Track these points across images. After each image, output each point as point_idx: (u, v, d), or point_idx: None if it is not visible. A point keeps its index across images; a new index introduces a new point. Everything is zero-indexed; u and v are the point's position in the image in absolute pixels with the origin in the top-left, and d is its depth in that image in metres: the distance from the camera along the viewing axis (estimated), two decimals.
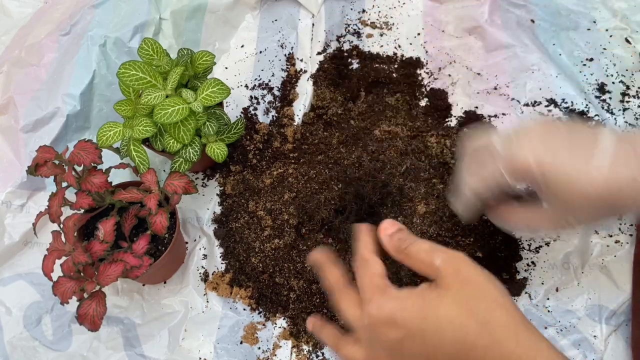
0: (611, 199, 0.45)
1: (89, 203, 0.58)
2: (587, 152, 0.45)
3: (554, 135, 0.47)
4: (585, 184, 0.45)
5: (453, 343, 0.38)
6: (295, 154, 0.73)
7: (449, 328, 0.38)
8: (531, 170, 0.46)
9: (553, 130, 0.48)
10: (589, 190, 0.45)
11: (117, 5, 0.81)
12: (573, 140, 0.46)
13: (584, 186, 0.45)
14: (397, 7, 0.86)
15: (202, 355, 0.63)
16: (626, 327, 0.60)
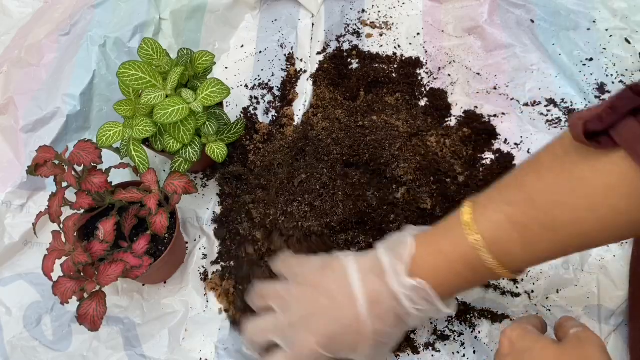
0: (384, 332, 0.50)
1: (89, 203, 0.58)
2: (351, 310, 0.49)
3: (318, 309, 0.51)
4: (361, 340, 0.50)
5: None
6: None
7: (535, 355, 0.46)
8: (319, 354, 0.50)
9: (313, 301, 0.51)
10: (367, 341, 0.50)
11: (116, 5, 0.81)
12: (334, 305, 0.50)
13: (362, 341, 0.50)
14: (396, 7, 0.86)
15: (202, 356, 0.63)
16: (625, 326, 0.60)
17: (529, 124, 0.74)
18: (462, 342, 0.62)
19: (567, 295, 0.63)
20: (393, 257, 0.50)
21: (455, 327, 0.63)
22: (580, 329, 0.47)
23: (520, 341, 0.48)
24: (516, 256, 0.45)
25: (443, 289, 0.48)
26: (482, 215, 0.46)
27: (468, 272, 0.47)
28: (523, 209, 0.44)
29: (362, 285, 0.50)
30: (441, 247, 0.48)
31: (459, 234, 0.46)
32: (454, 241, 0.47)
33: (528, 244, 0.44)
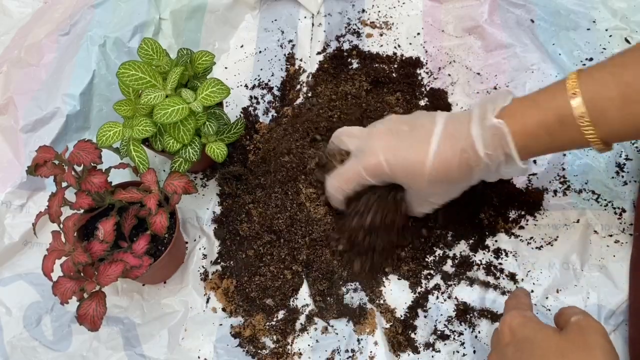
0: (444, 173, 0.53)
1: (88, 203, 0.58)
2: (424, 140, 0.53)
3: (397, 133, 0.56)
4: (419, 168, 0.53)
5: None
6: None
7: (536, 346, 0.46)
8: (383, 169, 0.55)
9: (396, 127, 0.57)
10: (424, 172, 0.53)
11: (116, 5, 0.80)
12: (413, 133, 0.55)
13: (419, 170, 0.53)
14: (396, 6, 0.86)
15: (201, 355, 0.64)
16: (625, 326, 0.60)
17: None
18: (462, 342, 0.62)
19: (567, 295, 0.63)
20: (485, 104, 0.52)
21: (455, 327, 0.63)
22: (581, 316, 0.47)
23: (522, 330, 0.47)
24: (612, 118, 0.45)
25: (525, 140, 0.49)
26: (588, 75, 0.46)
27: (556, 127, 0.47)
28: (630, 68, 0.44)
29: (444, 125, 0.54)
30: (537, 100, 0.49)
31: (559, 90, 0.47)
32: (552, 96, 0.48)
33: (628, 104, 0.44)
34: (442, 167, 0.52)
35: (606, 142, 0.47)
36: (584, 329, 0.45)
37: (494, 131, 0.50)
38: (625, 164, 0.69)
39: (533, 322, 0.48)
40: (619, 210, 0.67)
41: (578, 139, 0.47)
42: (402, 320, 0.64)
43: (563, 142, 0.49)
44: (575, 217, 0.67)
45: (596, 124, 0.45)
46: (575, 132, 0.46)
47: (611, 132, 0.46)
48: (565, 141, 0.49)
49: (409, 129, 0.56)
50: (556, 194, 0.69)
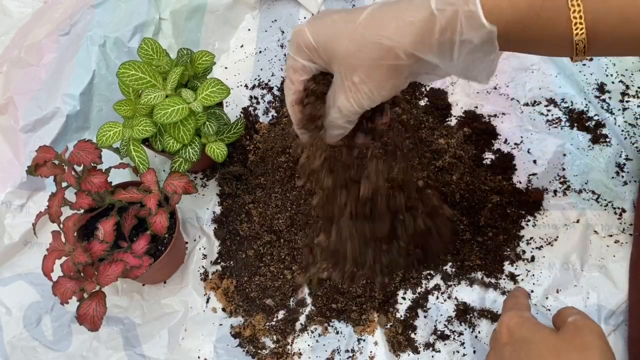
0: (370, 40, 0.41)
1: (88, 203, 0.58)
2: (354, 16, 0.42)
3: (332, 16, 0.44)
4: (348, 36, 0.41)
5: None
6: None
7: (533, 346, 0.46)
8: (313, 46, 0.44)
9: (333, 13, 0.44)
10: (349, 43, 0.41)
11: (116, 5, 0.80)
12: (347, 12, 0.43)
13: (348, 37, 0.41)
14: None
15: (201, 355, 0.64)
16: (625, 326, 0.60)
17: (529, 124, 0.74)
18: (462, 342, 0.62)
19: (567, 295, 0.63)
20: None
21: (455, 327, 0.63)
22: (578, 316, 0.47)
23: (519, 330, 0.48)
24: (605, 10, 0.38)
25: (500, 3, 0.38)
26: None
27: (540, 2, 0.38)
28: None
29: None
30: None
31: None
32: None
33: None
34: (372, 30, 0.41)
35: (590, 34, 0.39)
36: (581, 329, 0.45)
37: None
38: (625, 164, 0.69)
39: (530, 322, 0.48)
40: (619, 211, 0.67)
41: (561, 15, 0.39)
42: (402, 320, 0.64)
43: (542, 18, 0.40)
44: (575, 217, 0.67)
45: (586, 3, 0.38)
46: (561, 13, 0.39)
47: (599, 16, 0.39)
48: (544, 16, 0.39)
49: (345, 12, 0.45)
50: (556, 194, 0.69)
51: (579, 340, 0.44)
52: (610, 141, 0.71)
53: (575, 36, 0.39)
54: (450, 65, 0.41)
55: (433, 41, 0.39)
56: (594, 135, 0.72)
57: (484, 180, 0.69)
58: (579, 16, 0.38)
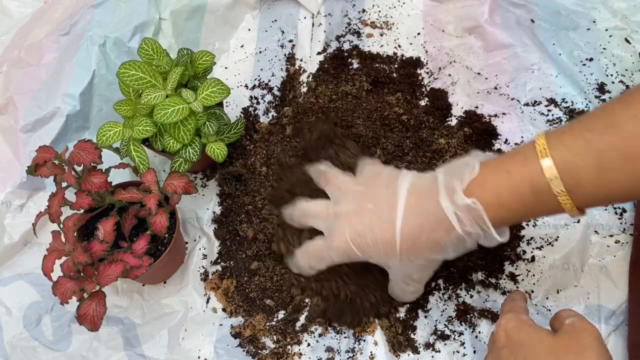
0: (415, 252, 0.51)
1: (88, 203, 0.58)
2: (389, 219, 0.51)
3: (361, 212, 0.53)
4: (390, 249, 0.51)
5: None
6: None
7: (531, 349, 0.46)
8: (353, 252, 0.54)
9: (360, 207, 0.54)
10: (395, 252, 0.51)
11: (116, 5, 0.80)
12: (377, 211, 0.52)
13: (391, 251, 0.51)
14: (397, 6, 0.86)
15: (202, 355, 0.63)
16: (625, 326, 0.60)
17: (530, 124, 0.74)
18: (462, 342, 0.62)
19: (567, 295, 0.63)
20: (452, 177, 0.49)
21: (455, 327, 0.63)
22: (575, 318, 0.47)
23: (516, 333, 0.48)
24: (587, 187, 0.43)
25: (499, 212, 0.47)
26: (558, 139, 0.44)
27: (531, 198, 0.45)
28: (604, 135, 0.42)
29: (407, 200, 0.51)
30: (507, 167, 0.46)
31: (530, 157, 0.45)
32: (523, 163, 0.45)
33: (603, 173, 0.42)
34: (412, 246, 0.51)
35: (581, 208, 0.46)
36: (578, 332, 0.45)
37: (467, 209, 0.47)
38: None
39: (528, 325, 0.48)
40: (619, 210, 0.67)
41: (553, 208, 0.45)
42: (402, 320, 0.64)
43: (538, 211, 0.48)
44: (576, 217, 0.67)
45: (570, 192, 0.43)
46: (550, 202, 0.45)
47: (587, 199, 0.44)
48: (541, 210, 0.47)
49: (373, 207, 0.53)
50: None
51: (576, 342, 0.45)
52: None
53: (569, 210, 0.45)
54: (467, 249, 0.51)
55: (460, 248, 0.51)
56: None
57: None
58: (569, 206, 0.45)
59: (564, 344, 0.45)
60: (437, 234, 0.49)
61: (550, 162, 0.43)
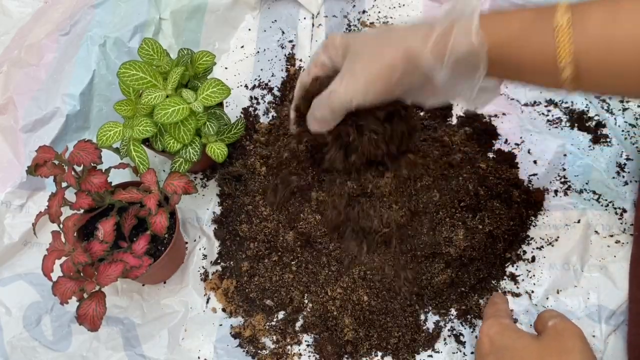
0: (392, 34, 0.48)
1: (88, 203, 0.58)
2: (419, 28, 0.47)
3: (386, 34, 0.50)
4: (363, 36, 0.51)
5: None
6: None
7: (515, 354, 0.46)
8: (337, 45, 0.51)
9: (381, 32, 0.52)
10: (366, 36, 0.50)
11: (116, 5, 0.80)
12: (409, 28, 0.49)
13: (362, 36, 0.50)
14: (396, 7, 0.86)
15: (201, 355, 0.63)
16: (625, 327, 0.60)
17: (530, 124, 0.74)
18: (462, 342, 0.62)
19: (567, 295, 0.63)
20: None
21: (455, 327, 0.63)
22: (557, 319, 0.47)
23: (500, 338, 0.48)
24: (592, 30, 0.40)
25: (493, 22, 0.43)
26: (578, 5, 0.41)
27: (531, 21, 0.42)
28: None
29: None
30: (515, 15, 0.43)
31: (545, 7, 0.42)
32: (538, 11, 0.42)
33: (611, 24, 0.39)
34: (395, 31, 0.48)
35: (576, 66, 0.41)
36: (561, 333, 0.45)
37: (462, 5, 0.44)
38: (626, 164, 0.69)
39: (510, 329, 0.48)
40: (619, 211, 0.67)
41: (548, 46, 0.41)
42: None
43: (531, 43, 0.42)
44: (576, 218, 0.67)
45: (574, 32, 0.40)
46: (549, 35, 0.40)
47: (586, 51, 0.40)
48: (535, 42, 0.42)
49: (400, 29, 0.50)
50: (557, 194, 0.69)
51: (559, 344, 0.45)
52: (610, 141, 0.71)
53: (560, 62, 0.40)
54: (439, 74, 0.45)
55: (428, 44, 0.45)
56: (594, 136, 0.72)
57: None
58: (565, 44, 0.40)
59: (549, 347, 0.45)
60: (419, 24, 0.46)
61: (567, 8, 0.41)
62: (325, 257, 0.65)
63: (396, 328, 0.62)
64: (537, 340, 0.46)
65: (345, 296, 0.63)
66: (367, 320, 0.62)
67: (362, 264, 0.63)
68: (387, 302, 0.63)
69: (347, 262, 0.63)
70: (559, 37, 0.40)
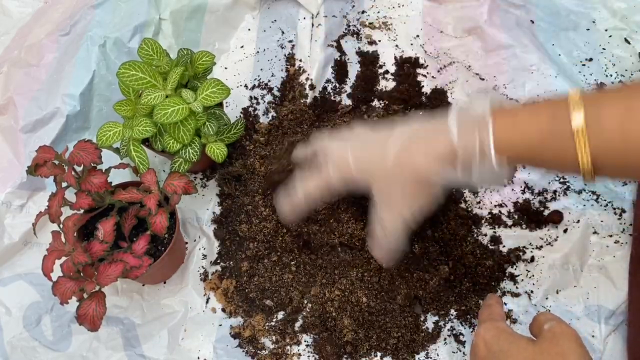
0: (408, 167, 0.50)
1: (88, 203, 0.58)
2: (388, 136, 0.51)
3: (364, 134, 0.54)
4: (380, 162, 0.51)
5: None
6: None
7: (511, 359, 0.46)
8: (348, 166, 0.52)
9: (364, 132, 0.55)
10: (386, 165, 0.50)
11: (116, 5, 0.81)
12: (380, 132, 0.53)
13: (380, 164, 0.51)
14: (396, 7, 0.86)
15: (201, 355, 0.64)
16: (625, 327, 0.60)
17: None
18: (462, 342, 0.62)
19: (567, 295, 0.63)
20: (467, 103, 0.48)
21: (455, 327, 0.63)
22: (553, 322, 0.47)
23: (496, 343, 0.47)
24: (609, 133, 0.41)
25: (507, 133, 0.45)
26: (590, 93, 0.43)
27: (548, 130, 0.43)
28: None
29: (414, 124, 0.51)
30: (531, 104, 0.45)
31: (558, 99, 0.44)
32: (549, 102, 0.44)
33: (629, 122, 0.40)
34: (406, 160, 0.49)
35: (595, 164, 0.43)
36: (557, 337, 0.45)
37: (472, 116, 0.46)
38: None
39: (506, 333, 0.48)
40: (618, 211, 0.67)
41: (567, 150, 0.43)
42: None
43: (550, 149, 0.44)
44: (576, 218, 0.67)
45: (591, 134, 0.42)
46: (567, 140, 0.43)
47: (604, 150, 0.42)
48: (554, 148, 0.44)
49: (374, 132, 0.54)
50: (556, 194, 0.69)
51: (555, 348, 0.45)
52: None
53: (582, 165, 0.43)
54: (470, 181, 0.48)
55: (456, 168, 0.47)
56: None
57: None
58: (584, 148, 0.43)
59: (545, 351, 0.45)
60: (436, 147, 0.48)
61: (580, 104, 0.42)
62: (321, 260, 0.66)
63: (395, 328, 0.62)
64: (533, 344, 0.46)
65: (344, 298, 0.63)
66: (366, 321, 0.62)
67: (358, 266, 0.64)
68: (386, 303, 0.63)
69: (341, 269, 0.64)
70: (578, 142, 0.42)
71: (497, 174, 0.46)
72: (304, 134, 0.72)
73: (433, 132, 0.49)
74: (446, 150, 0.47)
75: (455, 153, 0.47)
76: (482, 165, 0.46)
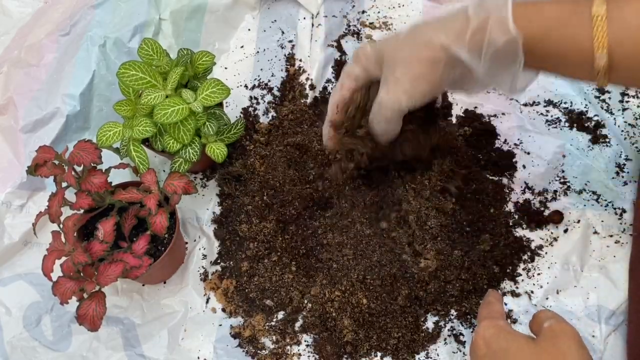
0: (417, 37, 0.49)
1: (88, 203, 0.58)
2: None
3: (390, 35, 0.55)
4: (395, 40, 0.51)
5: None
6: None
7: (511, 357, 0.46)
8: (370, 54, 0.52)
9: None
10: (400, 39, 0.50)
11: (116, 5, 0.81)
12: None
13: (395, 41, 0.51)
14: (396, 7, 0.86)
15: (201, 355, 0.64)
16: (625, 327, 0.60)
17: (529, 124, 0.74)
18: (462, 342, 0.62)
19: (567, 295, 0.63)
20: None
21: (455, 327, 0.63)
22: (553, 321, 0.47)
23: (496, 341, 0.47)
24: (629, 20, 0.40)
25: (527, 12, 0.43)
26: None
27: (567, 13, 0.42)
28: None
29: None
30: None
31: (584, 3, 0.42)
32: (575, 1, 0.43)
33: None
34: (419, 30, 0.49)
35: (611, 58, 0.41)
36: (557, 335, 0.45)
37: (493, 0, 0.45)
38: (625, 164, 0.69)
39: (506, 332, 0.48)
40: (619, 211, 0.67)
41: (585, 39, 0.41)
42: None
43: (568, 36, 0.43)
44: (576, 218, 0.67)
45: (611, 22, 0.40)
46: (586, 26, 0.41)
47: (622, 41, 0.40)
48: (571, 35, 0.43)
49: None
50: (556, 194, 0.69)
51: (555, 346, 0.45)
52: (610, 141, 0.71)
53: (596, 54, 0.41)
54: (479, 67, 0.46)
55: (465, 39, 0.46)
56: (593, 136, 0.72)
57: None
58: (601, 34, 0.41)
59: (544, 350, 0.45)
60: (450, 20, 0.47)
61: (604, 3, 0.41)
62: (321, 262, 0.66)
63: (395, 328, 0.62)
64: (533, 342, 0.46)
65: (344, 299, 0.63)
66: (366, 322, 0.62)
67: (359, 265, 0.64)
68: (387, 304, 0.63)
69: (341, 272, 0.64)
70: (596, 27, 0.41)
71: (507, 63, 0.45)
72: (304, 134, 0.72)
73: (451, 15, 0.48)
74: (459, 20, 0.46)
75: (467, 25, 0.45)
76: (491, 44, 0.44)
